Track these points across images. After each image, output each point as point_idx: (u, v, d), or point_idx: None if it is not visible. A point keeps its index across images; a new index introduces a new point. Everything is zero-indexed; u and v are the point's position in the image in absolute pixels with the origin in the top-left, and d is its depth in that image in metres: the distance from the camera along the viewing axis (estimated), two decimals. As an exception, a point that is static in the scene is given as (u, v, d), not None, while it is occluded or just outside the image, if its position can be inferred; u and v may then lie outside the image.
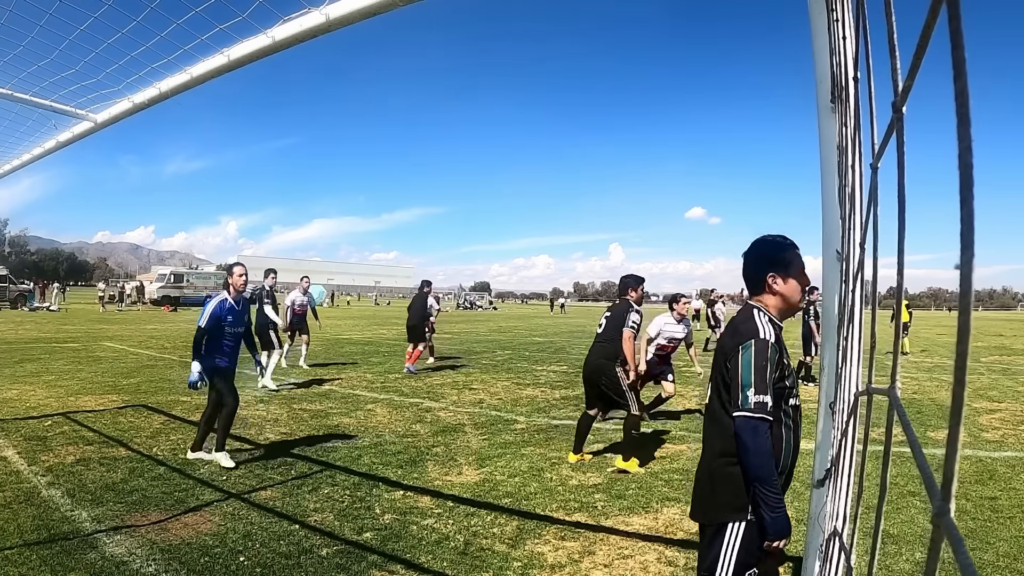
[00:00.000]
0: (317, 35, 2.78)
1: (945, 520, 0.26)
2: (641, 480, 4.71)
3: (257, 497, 4.13)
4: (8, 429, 5.75)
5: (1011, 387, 9.83)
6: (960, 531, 1.13)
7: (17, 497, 3.94)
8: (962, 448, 2.83)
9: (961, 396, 0.29)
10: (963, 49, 0.33)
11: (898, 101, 0.46)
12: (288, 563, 3.14)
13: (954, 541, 0.25)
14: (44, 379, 8.82)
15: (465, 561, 3.23)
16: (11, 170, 5.60)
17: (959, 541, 0.25)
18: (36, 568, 2.96)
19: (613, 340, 5.04)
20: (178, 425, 6.16)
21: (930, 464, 0.30)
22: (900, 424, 0.56)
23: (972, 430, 6.47)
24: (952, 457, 0.28)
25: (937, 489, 0.28)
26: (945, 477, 0.27)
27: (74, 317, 25.94)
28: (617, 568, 3.19)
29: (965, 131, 0.31)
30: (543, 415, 7.15)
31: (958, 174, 0.29)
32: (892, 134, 0.51)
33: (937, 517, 0.27)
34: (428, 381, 9.62)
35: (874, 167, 0.68)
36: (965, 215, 0.28)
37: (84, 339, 15.60)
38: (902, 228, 0.49)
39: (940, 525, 0.26)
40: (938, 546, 0.29)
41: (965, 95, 0.31)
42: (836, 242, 1.87)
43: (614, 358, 5.00)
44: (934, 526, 0.28)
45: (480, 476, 4.73)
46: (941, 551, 0.29)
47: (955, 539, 0.25)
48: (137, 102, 3.89)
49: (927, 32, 0.43)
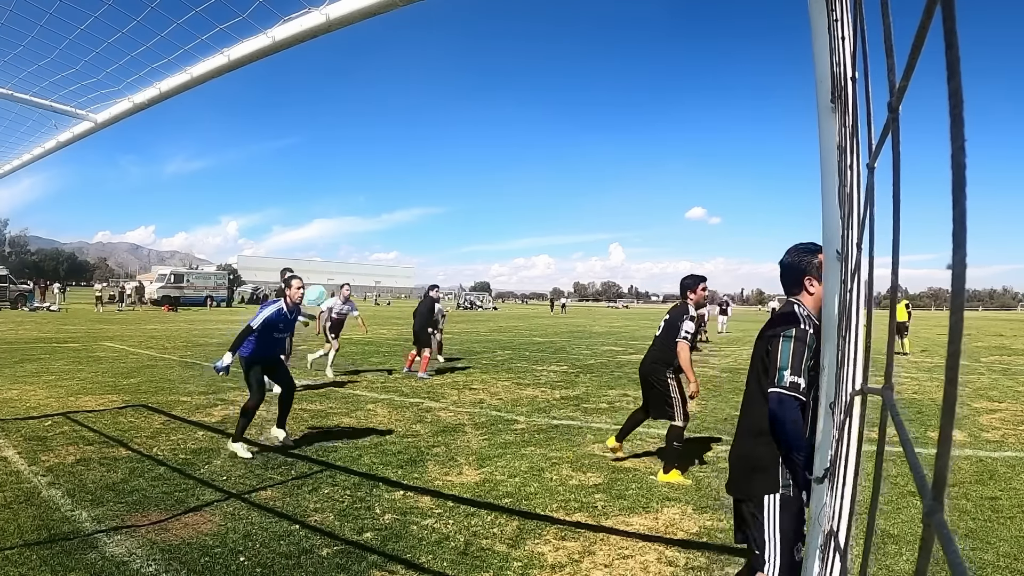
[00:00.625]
0: (317, 35, 2.78)
1: (936, 519, 0.26)
2: (641, 480, 4.71)
3: (257, 497, 4.14)
4: (8, 429, 5.75)
5: (1011, 387, 9.82)
6: (960, 531, 1.13)
7: (17, 497, 3.94)
8: (962, 448, 2.85)
9: (953, 395, 0.29)
10: (957, 49, 0.33)
11: (894, 101, 0.46)
12: (288, 563, 3.14)
13: (944, 540, 0.25)
14: (44, 379, 8.83)
15: (465, 561, 3.23)
16: (11, 170, 5.60)
17: (949, 540, 0.25)
18: (36, 568, 2.96)
19: (665, 347, 4.87)
20: (178, 425, 6.16)
21: (925, 464, 0.30)
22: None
23: (972, 430, 6.47)
24: (944, 456, 0.28)
25: (928, 488, 0.28)
26: (936, 476, 0.27)
27: (74, 317, 25.96)
28: (617, 568, 3.19)
29: (958, 131, 0.31)
30: (543, 415, 7.15)
31: (951, 174, 0.29)
32: (888, 134, 0.51)
33: (927, 516, 0.27)
34: (428, 381, 9.62)
35: (870, 167, 0.68)
36: (957, 215, 0.28)
37: (84, 339, 15.60)
38: (897, 228, 0.49)
39: (931, 524, 0.26)
40: (929, 546, 0.29)
41: (959, 95, 0.32)
42: (836, 242, 1.87)
43: (666, 364, 4.86)
44: (924, 525, 0.28)
45: (480, 476, 4.74)
46: (933, 551, 0.29)
47: (945, 538, 0.25)
48: (137, 102, 3.89)
49: (922, 32, 0.43)
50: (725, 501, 4.22)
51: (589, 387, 9.41)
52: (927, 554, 0.30)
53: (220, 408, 7.07)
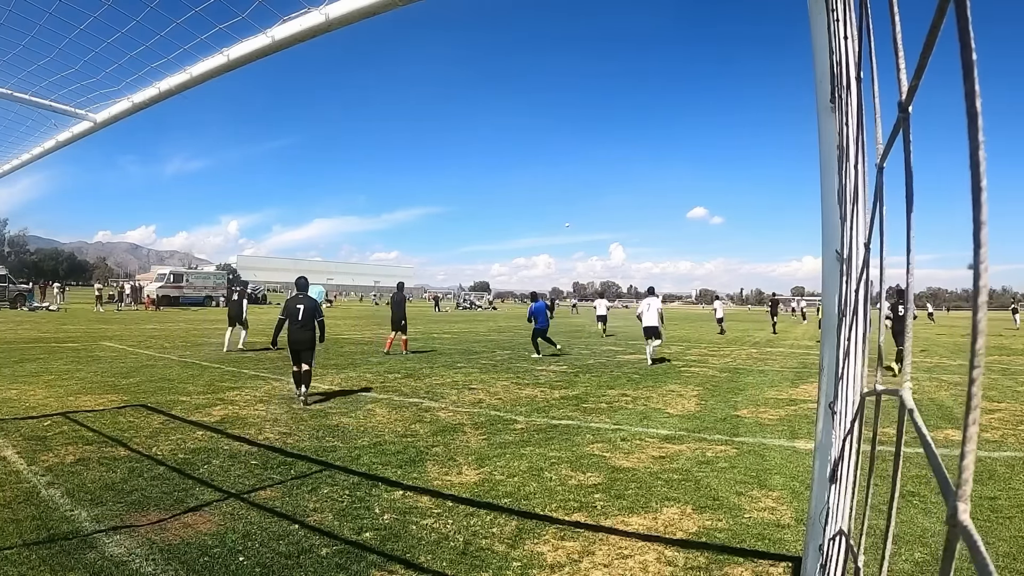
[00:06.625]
0: (317, 35, 2.78)
1: (959, 521, 0.26)
2: (641, 480, 4.71)
3: (256, 497, 4.13)
4: (8, 429, 5.74)
5: (1010, 387, 9.83)
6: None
7: (17, 497, 3.93)
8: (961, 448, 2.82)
9: (974, 396, 0.29)
10: (972, 50, 0.32)
11: (904, 101, 0.46)
12: (287, 563, 3.14)
13: (971, 544, 0.25)
14: (44, 379, 8.81)
15: (464, 561, 3.23)
16: (11, 170, 5.59)
17: (976, 544, 0.24)
18: (36, 568, 2.96)
19: None
20: (177, 425, 6.15)
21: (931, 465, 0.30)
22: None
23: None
24: (967, 457, 0.28)
25: (952, 489, 0.27)
26: (960, 478, 0.27)
27: (73, 317, 25.93)
28: (616, 568, 3.19)
29: (975, 130, 0.30)
30: (542, 415, 7.15)
31: (969, 174, 0.28)
32: (898, 134, 0.51)
33: (952, 518, 0.27)
34: (428, 381, 9.62)
35: (880, 167, 0.68)
36: (976, 215, 0.28)
37: (83, 339, 15.58)
38: (909, 228, 0.49)
39: (956, 525, 0.26)
40: (953, 548, 0.29)
41: (973, 95, 0.31)
42: (836, 242, 1.87)
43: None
44: (949, 526, 0.28)
45: (479, 476, 4.73)
46: (956, 551, 0.29)
47: (972, 541, 0.25)
48: (137, 102, 3.88)
49: (934, 32, 0.43)
50: (724, 501, 4.22)
51: (588, 387, 9.41)
52: (950, 556, 0.29)
53: (219, 408, 7.06)
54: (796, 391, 9.27)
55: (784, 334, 25.43)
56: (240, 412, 6.86)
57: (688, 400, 8.35)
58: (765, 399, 8.47)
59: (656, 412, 7.41)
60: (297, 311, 7.59)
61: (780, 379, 10.71)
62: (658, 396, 8.60)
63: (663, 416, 7.20)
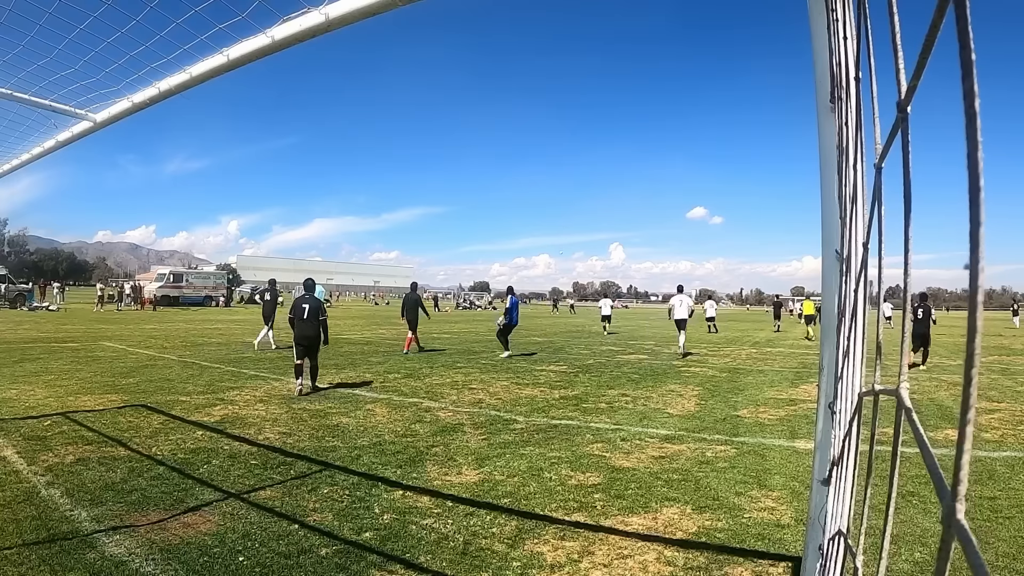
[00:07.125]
0: (317, 35, 2.78)
1: (955, 521, 0.26)
2: (640, 480, 4.71)
3: (256, 497, 4.13)
4: (7, 429, 5.74)
5: (1010, 387, 9.84)
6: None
7: (16, 497, 3.93)
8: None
9: (970, 398, 0.29)
10: (971, 50, 0.33)
11: (903, 101, 0.46)
12: (287, 563, 3.14)
13: (966, 544, 0.25)
14: (43, 379, 8.81)
15: (464, 561, 3.23)
16: (10, 170, 5.59)
17: (971, 544, 0.24)
18: (35, 568, 2.96)
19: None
20: (177, 425, 6.15)
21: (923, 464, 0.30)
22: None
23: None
24: (963, 457, 0.28)
25: (948, 489, 0.27)
26: (956, 477, 0.27)
27: (73, 317, 25.92)
28: (616, 568, 3.19)
29: (973, 131, 0.30)
30: (542, 415, 7.15)
31: (967, 174, 0.29)
32: (897, 134, 0.51)
33: (947, 518, 0.27)
34: (428, 381, 9.62)
35: (878, 167, 0.68)
36: (974, 215, 0.28)
37: (83, 339, 15.58)
38: (908, 228, 0.49)
39: (952, 525, 0.26)
40: (948, 548, 0.29)
41: (972, 96, 0.31)
42: (835, 242, 1.87)
43: None
44: (944, 527, 0.28)
45: (479, 476, 4.73)
46: (952, 552, 0.29)
47: (967, 542, 0.25)
48: (137, 102, 3.88)
49: (933, 32, 0.43)
50: (724, 501, 4.22)
51: (588, 387, 9.41)
52: (946, 556, 0.29)
53: (219, 408, 7.06)
54: (796, 391, 9.28)
55: (784, 334, 25.45)
56: (240, 412, 6.86)
57: (688, 400, 8.35)
58: (765, 399, 8.48)
59: (656, 412, 7.41)
60: (303, 310, 8.42)
61: (780, 379, 10.71)
62: (658, 396, 8.60)
63: (663, 416, 7.20)
